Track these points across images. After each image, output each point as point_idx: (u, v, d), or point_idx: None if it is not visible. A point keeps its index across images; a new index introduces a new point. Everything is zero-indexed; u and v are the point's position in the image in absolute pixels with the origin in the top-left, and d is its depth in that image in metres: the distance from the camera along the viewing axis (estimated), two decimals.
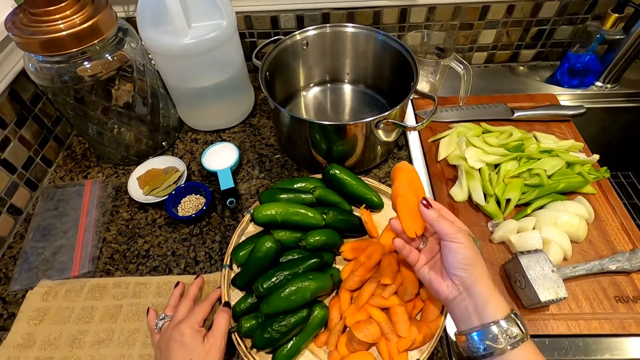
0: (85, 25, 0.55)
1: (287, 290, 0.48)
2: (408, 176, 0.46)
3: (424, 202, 0.41)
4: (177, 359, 0.43)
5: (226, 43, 0.67)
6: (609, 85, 0.84)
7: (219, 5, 0.63)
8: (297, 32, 0.72)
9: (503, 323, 0.36)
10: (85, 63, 0.59)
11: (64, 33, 0.54)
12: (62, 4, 0.55)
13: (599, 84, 0.85)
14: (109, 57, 0.61)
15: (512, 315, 0.37)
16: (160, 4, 0.58)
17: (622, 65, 0.80)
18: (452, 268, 0.39)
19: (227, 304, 0.51)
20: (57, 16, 0.54)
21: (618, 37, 0.76)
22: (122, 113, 0.68)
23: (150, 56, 0.71)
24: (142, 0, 0.61)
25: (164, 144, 0.77)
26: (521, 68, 0.92)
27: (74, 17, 0.55)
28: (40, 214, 0.68)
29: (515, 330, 0.36)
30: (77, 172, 0.76)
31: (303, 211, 0.57)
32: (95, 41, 0.58)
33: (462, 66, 0.72)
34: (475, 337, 0.37)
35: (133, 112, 0.69)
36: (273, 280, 0.50)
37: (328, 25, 0.73)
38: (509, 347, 0.36)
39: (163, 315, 0.50)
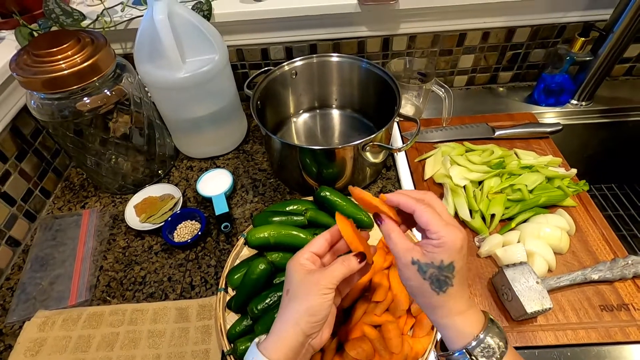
0: (85, 64, 0.59)
1: None
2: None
3: (377, 219, 0.40)
4: (284, 291, 0.41)
5: (219, 75, 0.71)
6: (583, 103, 0.89)
7: (212, 41, 0.67)
8: (285, 63, 0.76)
9: (473, 345, 0.34)
10: (85, 99, 0.62)
11: (66, 72, 0.58)
12: (64, 45, 0.58)
13: (574, 102, 0.89)
14: (108, 92, 0.64)
15: (481, 334, 0.35)
16: (156, 41, 0.62)
17: (593, 84, 0.85)
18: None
19: (360, 255, 0.41)
20: (59, 56, 0.58)
21: (587, 58, 0.81)
22: (120, 144, 0.71)
23: (146, 89, 0.75)
24: (139, 38, 0.65)
25: (160, 172, 0.80)
26: (501, 89, 0.97)
27: (75, 56, 0.59)
28: (38, 245, 0.69)
29: (492, 345, 0.34)
30: (75, 203, 0.77)
31: (295, 233, 0.59)
32: (95, 78, 0.61)
33: (442, 90, 0.76)
34: None
35: (130, 142, 0.72)
36: (267, 301, 0.52)
37: (315, 55, 0.78)
38: None
39: None
